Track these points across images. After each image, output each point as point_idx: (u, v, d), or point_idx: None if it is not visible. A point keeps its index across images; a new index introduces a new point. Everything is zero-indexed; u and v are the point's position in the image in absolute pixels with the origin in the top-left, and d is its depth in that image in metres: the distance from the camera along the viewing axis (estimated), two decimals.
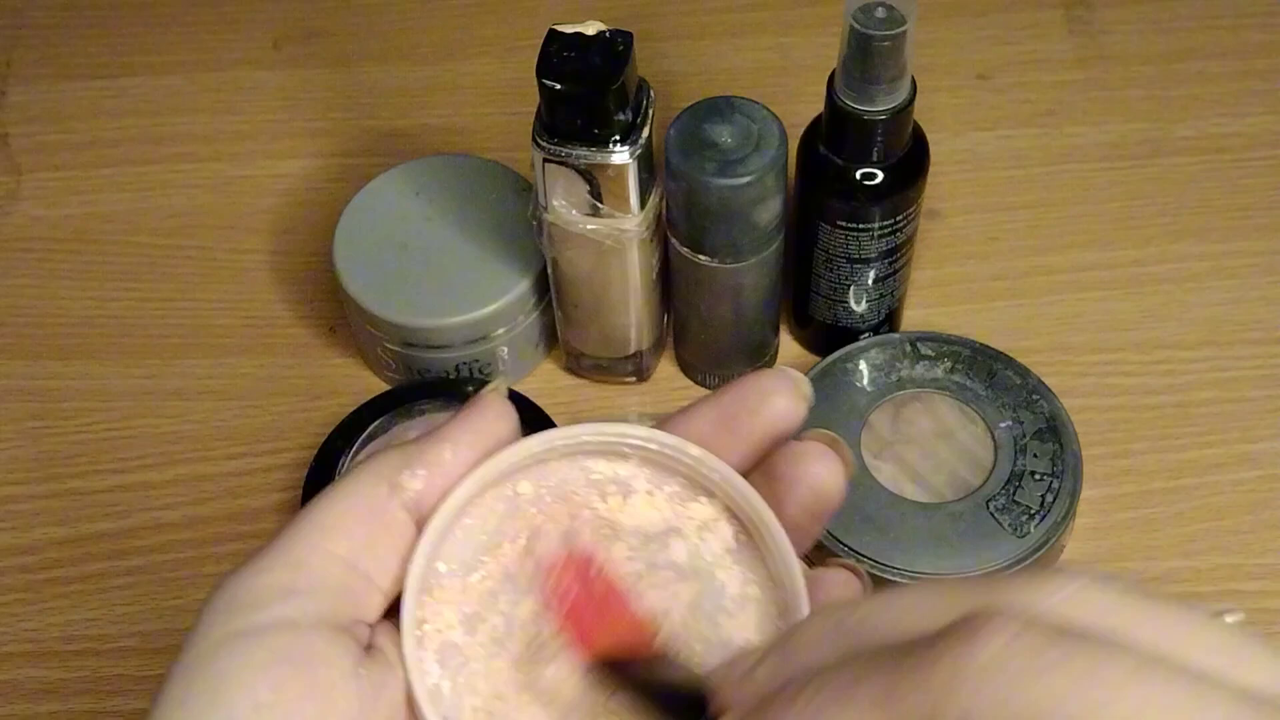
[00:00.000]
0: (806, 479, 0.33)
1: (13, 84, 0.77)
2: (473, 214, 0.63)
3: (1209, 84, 0.74)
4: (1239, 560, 0.58)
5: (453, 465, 0.33)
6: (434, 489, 0.33)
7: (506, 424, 0.34)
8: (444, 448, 0.33)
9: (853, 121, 0.54)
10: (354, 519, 0.32)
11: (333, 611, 0.31)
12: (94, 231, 0.71)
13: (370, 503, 0.32)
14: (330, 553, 0.32)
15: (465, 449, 0.33)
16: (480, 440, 0.34)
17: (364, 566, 0.32)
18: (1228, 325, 0.65)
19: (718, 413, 0.34)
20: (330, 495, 0.32)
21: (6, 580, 0.59)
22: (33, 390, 0.65)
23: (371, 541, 0.32)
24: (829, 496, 0.33)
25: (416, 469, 0.33)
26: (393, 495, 0.32)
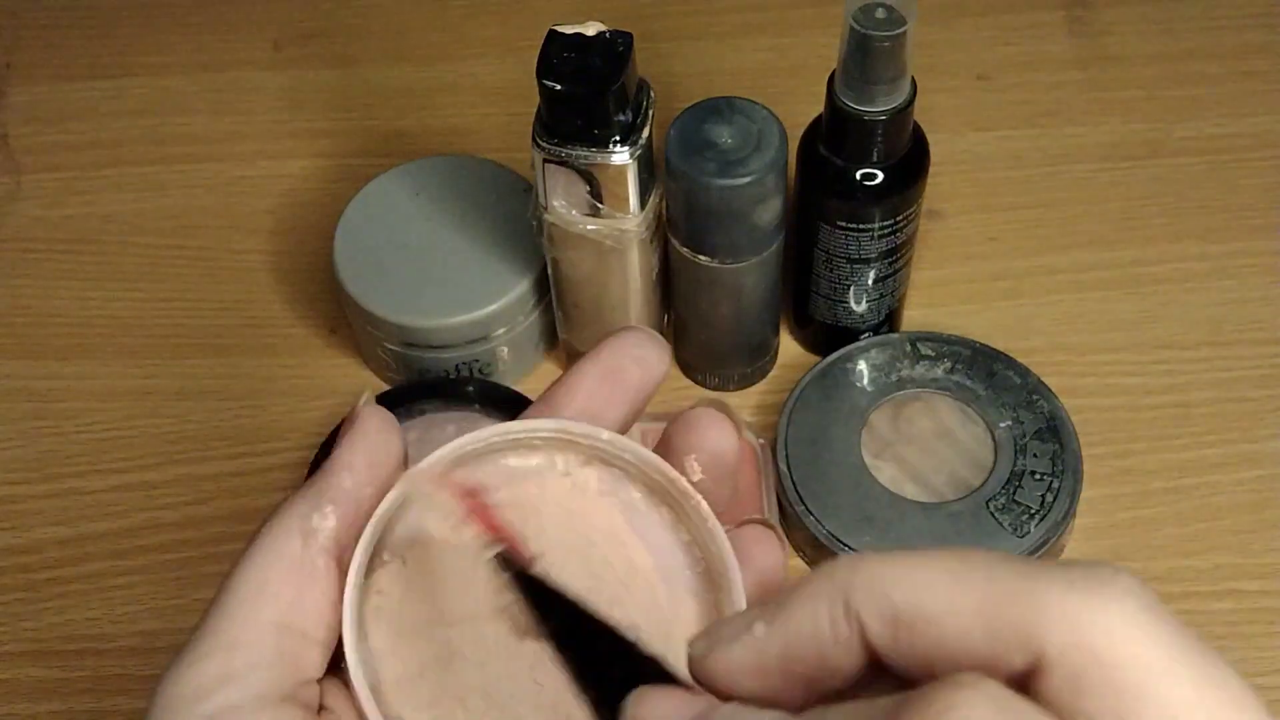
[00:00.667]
0: (703, 444, 0.35)
1: (13, 84, 0.77)
2: (473, 214, 0.63)
3: (1209, 84, 0.74)
4: (1239, 560, 0.58)
5: (356, 490, 0.33)
6: (346, 521, 0.32)
7: (391, 434, 0.34)
8: (342, 477, 0.33)
9: (853, 122, 0.54)
10: (276, 580, 0.31)
11: (274, 684, 0.31)
12: (94, 231, 0.71)
13: (287, 558, 0.32)
14: (261, 623, 0.31)
15: (363, 470, 0.33)
16: (374, 458, 0.33)
17: (298, 624, 0.31)
18: (1228, 325, 0.65)
19: (599, 371, 0.35)
20: (247, 561, 0.32)
21: (6, 580, 0.59)
22: (33, 390, 0.65)
23: (299, 597, 0.31)
24: (725, 456, 0.35)
25: (323, 508, 0.32)
26: (308, 542, 0.32)
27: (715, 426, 0.35)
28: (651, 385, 0.35)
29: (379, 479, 0.33)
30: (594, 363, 0.35)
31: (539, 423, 0.34)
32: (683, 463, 0.35)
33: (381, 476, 0.33)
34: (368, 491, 0.33)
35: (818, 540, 0.56)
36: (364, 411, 0.34)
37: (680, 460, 0.35)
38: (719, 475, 0.35)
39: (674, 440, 0.35)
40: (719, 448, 0.35)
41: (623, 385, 0.35)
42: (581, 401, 0.35)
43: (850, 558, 0.27)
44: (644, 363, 0.35)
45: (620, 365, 0.35)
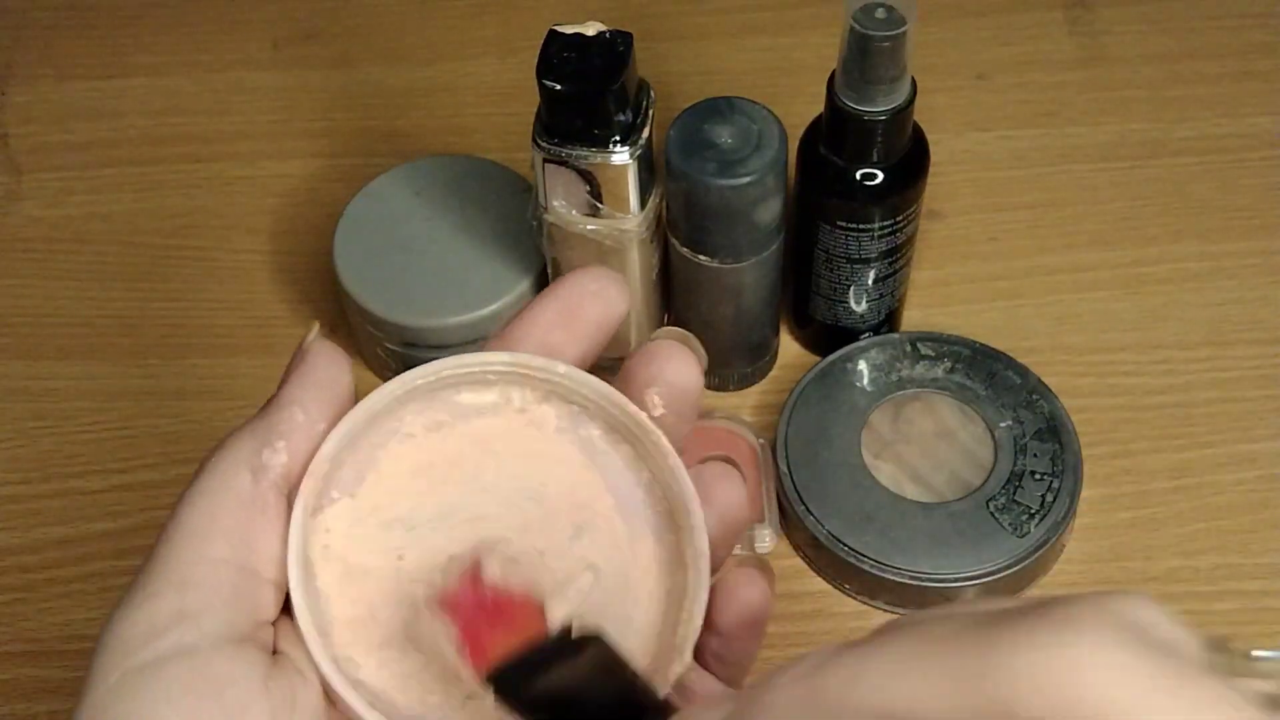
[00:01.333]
0: (664, 375, 0.34)
1: (13, 84, 0.77)
2: (473, 214, 0.63)
3: (1209, 84, 0.74)
4: (1239, 560, 0.58)
5: (308, 426, 0.32)
6: (298, 457, 0.31)
7: (340, 367, 0.33)
8: (293, 411, 0.32)
9: (853, 122, 0.54)
10: (226, 516, 0.30)
11: (230, 625, 0.30)
12: (94, 231, 0.71)
13: (237, 494, 0.31)
14: (212, 559, 0.30)
15: (314, 405, 0.32)
16: (324, 392, 0.32)
17: (249, 563, 0.30)
18: (1228, 325, 0.65)
19: (557, 306, 0.34)
20: (194, 498, 0.31)
21: (6, 580, 0.59)
22: (33, 390, 0.65)
23: (249, 534, 0.30)
24: (687, 389, 0.34)
25: (275, 443, 0.31)
26: (258, 478, 0.31)
27: (676, 358, 0.34)
28: (611, 322, 0.35)
29: (330, 414, 0.32)
30: (553, 298, 0.34)
31: (493, 355, 0.33)
32: (643, 397, 0.34)
33: (332, 411, 0.32)
34: (319, 427, 0.32)
35: (818, 540, 0.56)
36: (313, 346, 0.33)
37: (641, 394, 0.34)
38: (682, 409, 0.34)
39: (634, 373, 0.34)
40: (681, 380, 0.34)
41: (581, 320, 0.34)
42: (539, 336, 0.34)
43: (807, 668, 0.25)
44: (603, 298, 0.34)
45: (579, 301, 0.34)
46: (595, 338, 0.35)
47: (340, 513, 0.33)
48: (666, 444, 0.33)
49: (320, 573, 0.32)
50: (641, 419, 0.33)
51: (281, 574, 0.31)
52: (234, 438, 0.31)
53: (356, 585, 0.32)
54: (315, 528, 0.32)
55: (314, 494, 0.32)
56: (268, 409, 0.32)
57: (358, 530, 0.33)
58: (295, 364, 0.33)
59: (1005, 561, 0.55)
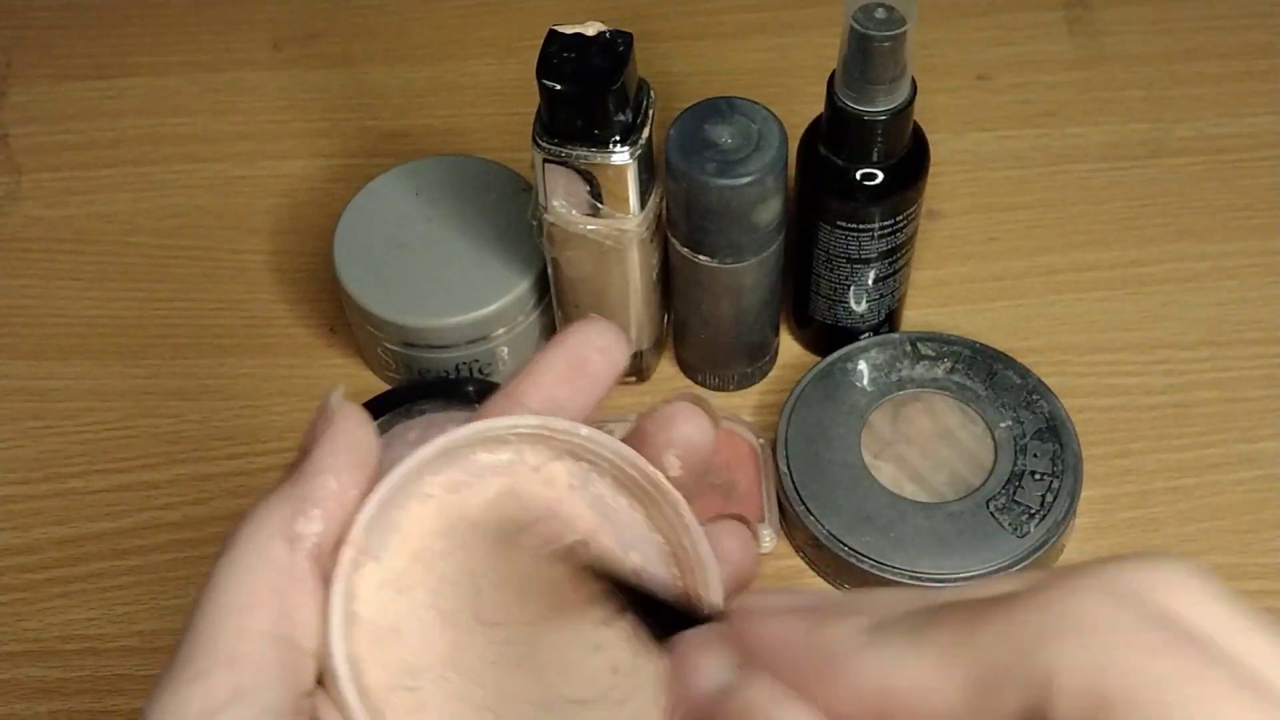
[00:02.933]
0: (682, 438, 0.34)
1: (13, 84, 0.77)
2: (473, 214, 0.63)
3: (1209, 84, 0.74)
4: (1239, 560, 0.58)
5: (341, 493, 0.31)
6: (333, 525, 0.31)
7: (366, 430, 0.33)
8: (326, 479, 0.31)
9: (853, 122, 0.54)
10: (265, 589, 0.30)
11: (281, 700, 0.29)
12: (94, 231, 0.71)
13: (275, 565, 0.30)
14: (257, 633, 0.29)
15: (345, 472, 0.32)
16: (354, 457, 0.32)
17: (289, 634, 0.30)
18: (1228, 325, 0.65)
19: (565, 362, 0.35)
20: (230, 568, 0.30)
21: (6, 580, 0.59)
22: (33, 390, 0.65)
23: (288, 606, 0.30)
24: (702, 452, 0.35)
25: (309, 511, 0.31)
26: (294, 549, 0.30)
27: (694, 421, 0.35)
28: (614, 376, 0.35)
29: (362, 480, 0.32)
30: (560, 352, 0.35)
31: (521, 419, 0.34)
32: (661, 458, 0.34)
33: (363, 478, 0.32)
34: (352, 494, 0.32)
35: (818, 540, 0.56)
36: (340, 410, 0.32)
37: (659, 456, 0.34)
38: (694, 468, 0.35)
39: (652, 435, 0.35)
40: (696, 441, 0.35)
41: (588, 376, 0.35)
42: (547, 392, 0.34)
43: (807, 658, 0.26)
44: (608, 353, 0.35)
45: (585, 355, 0.35)
46: (599, 393, 0.35)
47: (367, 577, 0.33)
48: (684, 505, 0.34)
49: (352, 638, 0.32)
50: (659, 480, 0.34)
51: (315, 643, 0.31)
52: (264, 506, 0.31)
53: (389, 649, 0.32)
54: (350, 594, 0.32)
55: (353, 563, 0.31)
56: (298, 477, 0.32)
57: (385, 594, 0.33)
58: (321, 427, 0.32)
59: (1005, 561, 0.55)
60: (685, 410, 0.35)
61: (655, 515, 0.35)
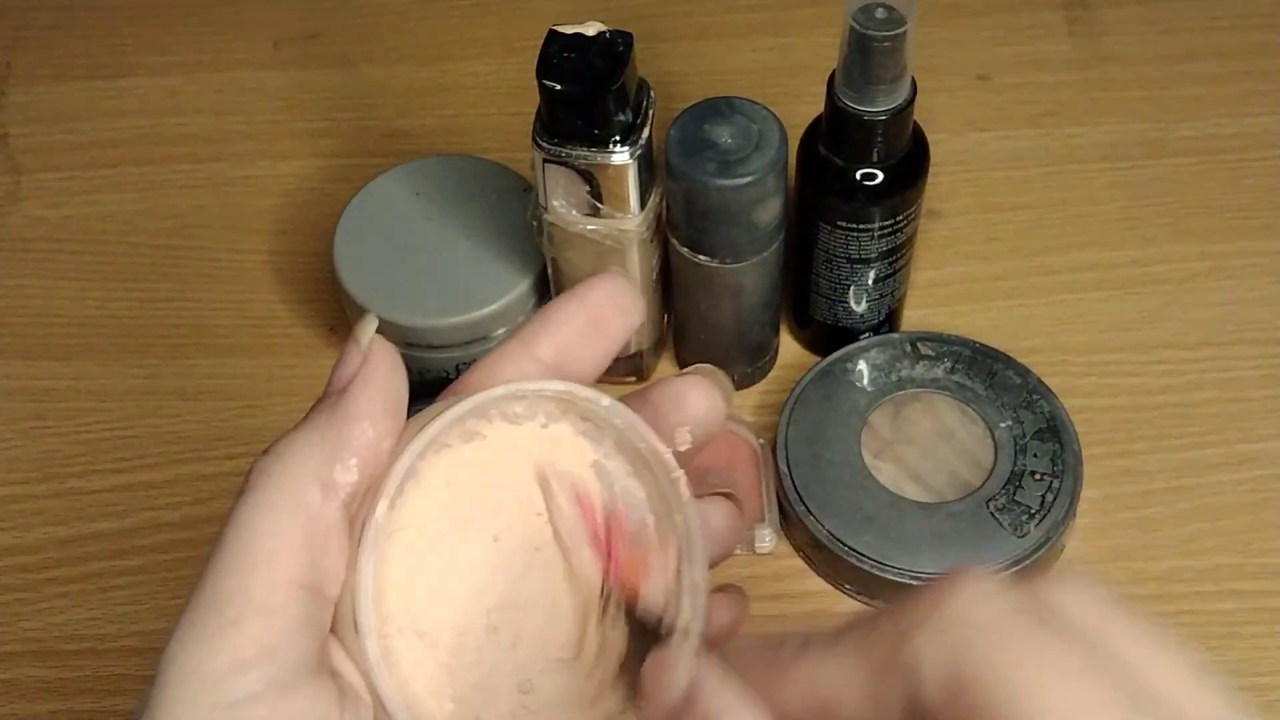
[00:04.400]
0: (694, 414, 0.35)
1: (13, 84, 0.77)
2: (473, 214, 0.63)
3: (1209, 84, 0.74)
4: (1239, 560, 0.58)
5: (378, 443, 0.30)
6: (367, 476, 0.30)
7: (400, 374, 0.32)
8: (365, 427, 0.30)
9: (853, 122, 0.54)
10: (296, 537, 0.29)
11: (309, 653, 0.29)
12: (94, 231, 0.71)
13: (306, 512, 0.29)
14: (287, 582, 0.29)
15: (383, 420, 0.31)
16: (390, 404, 0.31)
17: (317, 583, 0.29)
18: (1228, 325, 0.65)
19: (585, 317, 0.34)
20: (258, 514, 0.29)
21: (6, 580, 0.59)
22: (33, 390, 0.65)
23: (318, 555, 0.29)
24: (712, 425, 0.35)
25: (348, 460, 0.30)
26: (329, 496, 0.30)
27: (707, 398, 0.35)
28: (628, 334, 0.35)
29: (394, 430, 0.31)
30: (579, 306, 0.34)
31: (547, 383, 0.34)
32: (672, 432, 0.35)
33: (397, 427, 0.31)
34: (386, 444, 0.31)
35: (818, 540, 0.56)
36: (375, 350, 0.31)
37: (670, 429, 0.35)
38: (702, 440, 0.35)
39: (664, 409, 0.35)
40: (707, 417, 0.35)
41: (604, 334, 0.35)
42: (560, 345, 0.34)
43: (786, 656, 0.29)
44: (627, 314, 0.35)
45: (606, 314, 0.35)
46: (612, 351, 0.35)
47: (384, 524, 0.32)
48: (684, 483, 0.34)
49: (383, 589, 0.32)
50: (663, 455, 0.34)
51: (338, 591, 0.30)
52: (300, 447, 0.30)
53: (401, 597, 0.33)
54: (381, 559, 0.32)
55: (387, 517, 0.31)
56: (333, 418, 0.30)
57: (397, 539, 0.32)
58: (354, 366, 0.31)
59: (1005, 561, 0.55)
60: (700, 386, 0.35)
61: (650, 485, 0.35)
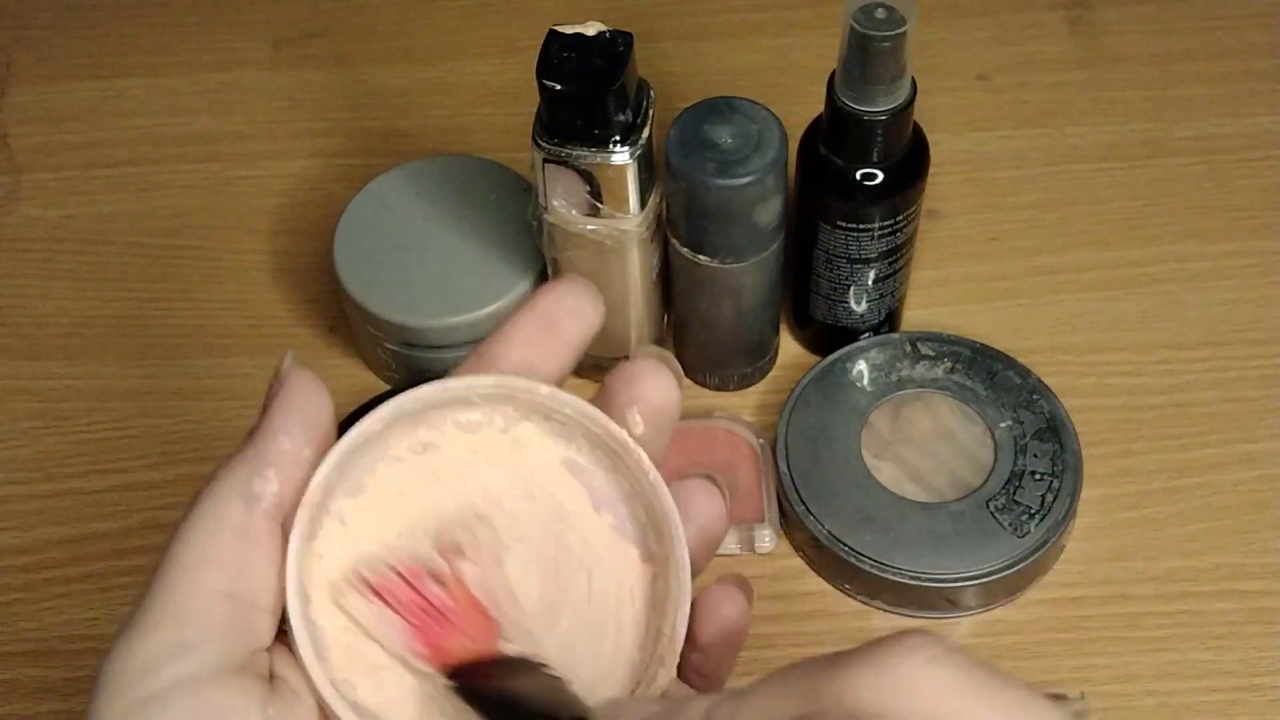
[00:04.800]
0: (645, 395, 0.35)
1: (13, 84, 0.77)
2: (473, 214, 0.63)
3: (1209, 84, 0.74)
4: (1239, 560, 0.58)
5: (295, 453, 0.32)
6: (289, 485, 0.32)
7: (319, 393, 0.33)
8: (279, 440, 0.32)
9: (853, 122, 0.54)
10: (220, 546, 0.31)
11: (227, 655, 0.30)
12: (94, 231, 0.71)
13: (230, 525, 0.31)
14: (208, 590, 0.30)
15: (299, 432, 0.32)
16: (307, 418, 0.33)
17: (245, 592, 0.31)
18: (1228, 325, 0.65)
19: (535, 324, 0.35)
20: (189, 529, 0.31)
21: (6, 580, 0.59)
22: (33, 390, 0.65)
23: (244, 564, 0.31)
24: (666, 407, 0.35)
25: (264, 471, 0.32)
26: (250, 507, 0.31)
27: (657, 377, 0.35)
28: (587, 337, 0.36)
29: (314, 440, 0.33)
30: (530, 315, 0.35)
31: (479, 379, 0.34)
32: (625, 415, 0.35)
33: (316, 438, 0.33)
34: (306, 453, 0.32)
35: (818, 540, 0.56)
36: (292, 374, 0.33)
37: (622, 413, 0.35)
38: (661, 425, 0.35)
39: (615, 392, 0.35)
40: (661, 399, 0.35)
41: (559, 338, 0.35)
42: (518, 354, 0.35)
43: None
44: (579, 314, 0.35)
45: (556, 318, 0.35)
46: (572, 354, 0.36)
47: (332, 537, 0.33)
48: (647, 461, 0.34)
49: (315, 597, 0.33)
50: (622, 436, 0.34)
51: (277, 601, 0.32)
52: (224, 468, 0.32)
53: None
54: (309, 553, 0.33)
55: (308, 522, 0.32)
56: (254, 438, 0.32)
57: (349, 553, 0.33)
58: (275, 392, 0.33)
59: (1005, 561, 0.55)
60: (649, 368, 0.35)
61: (623, 473, 0.35)
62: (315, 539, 0.33)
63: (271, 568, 0.32)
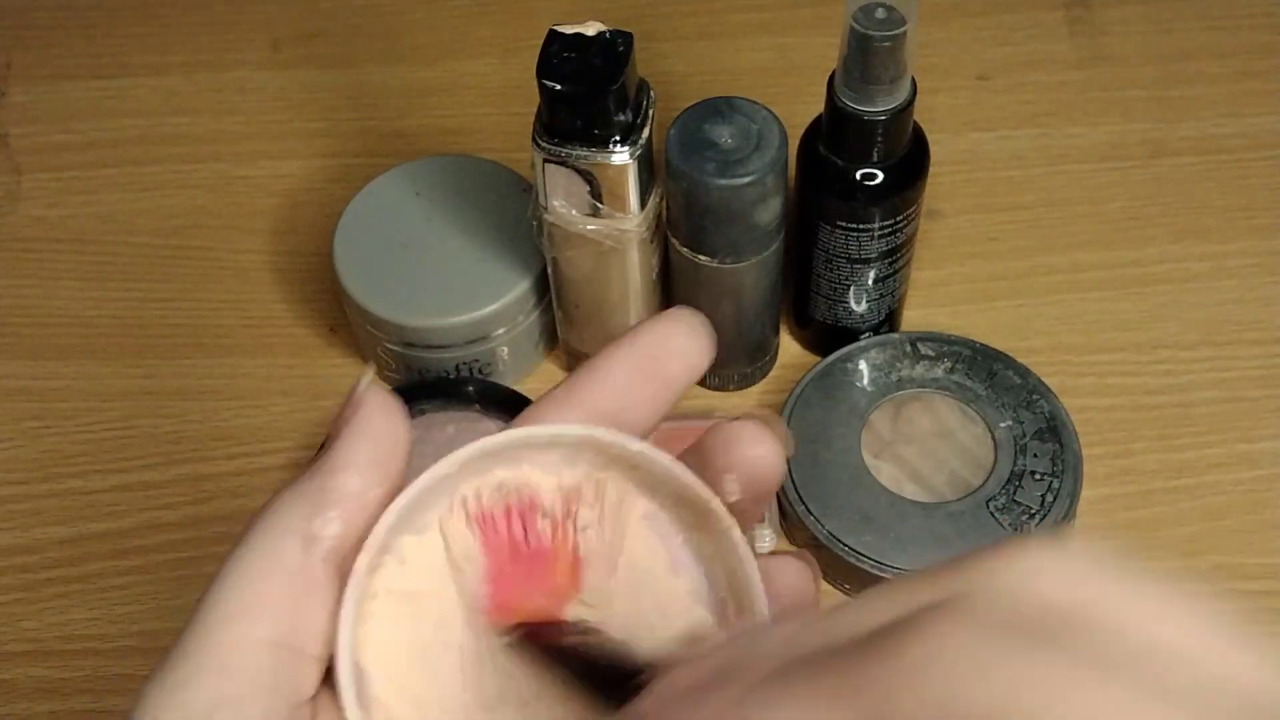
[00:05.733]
0: (745, 463, 0.31)
1: (13, 84, 0.77)
2: (473, 214, 0.63)
3: (1209, 84, 0.74)
4: (1239, 560, 0.58)
5: (363, 493, 0.29)
6: (352, 527, 0.29)
7: (398, 424, 0.30)
8: (348, 477, 0.29)
9: (853, 122, 0.54)
10: (273, 592, 0.28)
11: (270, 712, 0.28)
12: (94, 231, 0.71)
13: (286, 566, 0.28)
14: (256, 641, 0.28)
15: (369, 469, 0.29)
16: (380, 452, 0.30)
17: (294, 641, 0.28)
18: (1228, 325, 0.65)
19: (634, 360, 0.31)
20: (240, 565, 0.28)
21: (6, 580, 0.59)
22: (33, 390, 0.65)
23: (298, 611, 0.28)
24: (767, 479, 0.31)
25: (327, 512, 0.29)
26: (309, 549, 0.29)
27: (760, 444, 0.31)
28: (690, 381, 0.32)
29: (386, 478, 0.30)
30: (630, 351, 0.31)
31: (565, 429, 0.31)
32: (718, 481, 0.31)
33: (389, 475, 0.30)
34: (375, 494, 0.29)
35: (818, 540, 0.56)
36: (367, 397, 0.30)
37: (717, 478, 0.31)
38: (759, 494, 0.31)
39: (713, 454, 0.31)
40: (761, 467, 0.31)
41: (660, 382, 0.31)
42: (611, 394, 0.31)
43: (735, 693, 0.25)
44: (686, 357, 0.31)
45: (660, 359, 0.31)
46: (672, 399, 0.32)
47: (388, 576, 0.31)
48: (738, 533, 0.31)
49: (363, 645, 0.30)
50: (714, 505, 0.31)
51: (325, 649, 0.29)
52: (282, 501, 0.29)
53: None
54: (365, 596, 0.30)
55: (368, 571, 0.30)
56: (319, 470, 0.29)
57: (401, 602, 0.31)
58: (347, 415, 0.30)
59: None
60: (751, 432, 0.31)
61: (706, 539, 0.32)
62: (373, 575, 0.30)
63: (325, 615, 0.29)
